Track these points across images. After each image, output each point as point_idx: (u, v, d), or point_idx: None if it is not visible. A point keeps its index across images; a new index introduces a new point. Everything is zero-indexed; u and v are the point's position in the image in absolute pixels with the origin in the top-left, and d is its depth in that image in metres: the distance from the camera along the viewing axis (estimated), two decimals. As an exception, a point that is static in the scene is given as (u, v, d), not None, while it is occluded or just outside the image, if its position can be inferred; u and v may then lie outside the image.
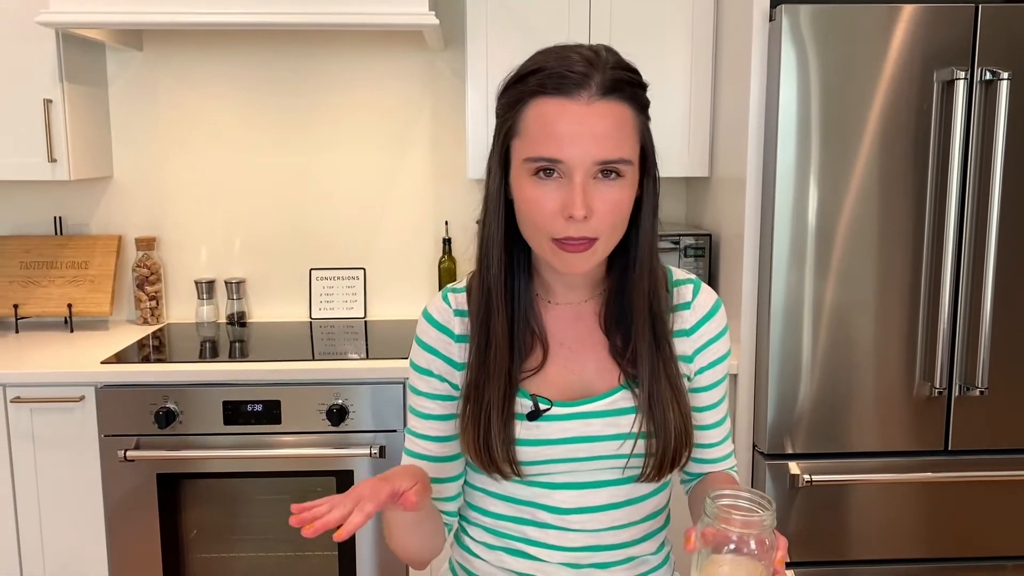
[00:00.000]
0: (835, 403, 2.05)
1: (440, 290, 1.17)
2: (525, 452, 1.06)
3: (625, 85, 0.99)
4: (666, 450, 1.06)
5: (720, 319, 1.16)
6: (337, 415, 2.13)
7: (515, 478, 1.08)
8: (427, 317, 1.14)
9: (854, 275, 2.01)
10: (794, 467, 2.06)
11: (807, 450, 2.07)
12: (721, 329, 1.16)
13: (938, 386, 2.03)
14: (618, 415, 1.07)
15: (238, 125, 2.71)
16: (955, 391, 2.06)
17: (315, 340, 2.51)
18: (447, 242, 2.73)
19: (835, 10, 1.93)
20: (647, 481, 1.09)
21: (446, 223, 2.76)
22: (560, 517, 1.10)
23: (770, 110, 2.02)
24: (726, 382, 1.19)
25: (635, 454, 1.07)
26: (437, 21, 2.19)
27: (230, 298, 2.73)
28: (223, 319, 2.75)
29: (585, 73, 0.97)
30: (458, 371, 1.11)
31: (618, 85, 0.98)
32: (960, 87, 1.93)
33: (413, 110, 2.73)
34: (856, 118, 1.96)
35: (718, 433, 1.19)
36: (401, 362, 2.17)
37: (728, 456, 1.21)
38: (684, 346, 1.13)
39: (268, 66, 2.69)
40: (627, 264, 1.08)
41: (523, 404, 1.07)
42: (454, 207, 2.76)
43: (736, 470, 1.23)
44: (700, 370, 1.15)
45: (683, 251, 2.42)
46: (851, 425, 2.06)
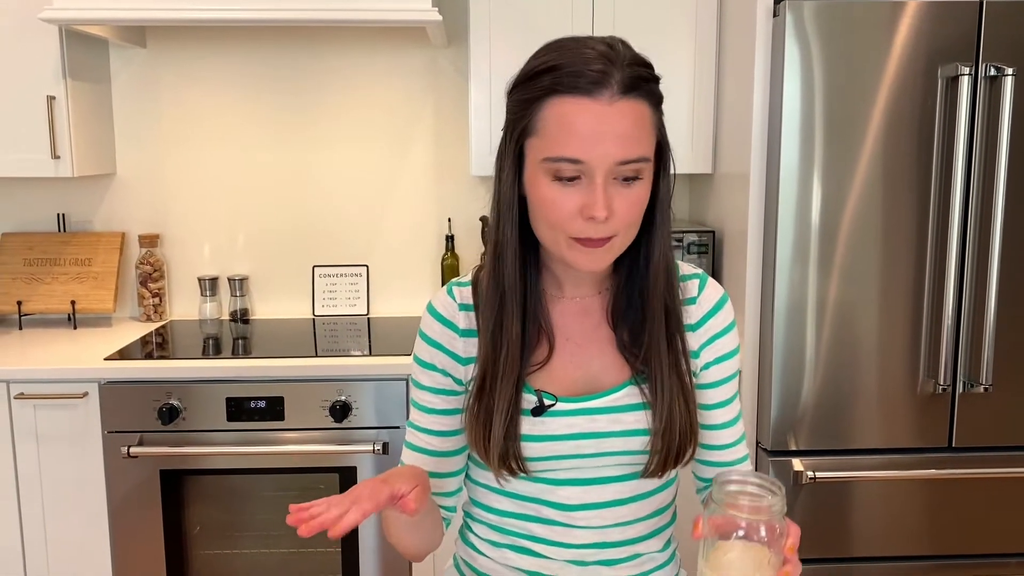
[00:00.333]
0: (839, 400, 2.05)
1: (444, 285, 1.17)
2: (530, 448, 1.06)
3: (643, 82, 0.97)
4: (671, 445, 1.05)
5: (726, 314, 1.14)
6: (340, 412, 2.13)
7: (521, 475, 1.07)
8: (431, 312, 1.14)
9: (858, 271, 2.01)
10: (798, 464, 2.06)
11: (811, 447, 2.07)
12: (728, 324, 1.14)
13: (942, 383, 2.02)
14: (623, 411, 1.07)
15: (241, 122, 2.71)
16: (959, 388, 2.05)
17: (318, 337, 2.51)
18: (450, 239, 2.73)
19: (839, 5, 1.92)
20: (651, 477, 1.08)
21: (449, 220, 2.76)
22: (565, 514, 1.10)
23: (774, 106, 2.02)
24: (736, 381, 1.16)
25: (640, 451, 1.07)
26: (440, 17, 2.19)
27: (233, 295, 2.73)
28: (226, 316, 2.75)
29: (604, 71, 0.94)
30: (462, 366, 1.11)
31: (636, 83, 0.96)
32: (964, 83, 1.92)
33: (416, 107, 2.72)
34: (860, 114, 1.96)
35: (730, 434, 1.16)
36: (404, 359, 2.17)
37: (743, 459, 1.18)
38: (690, 341, 1.11)
39: (271, 63, 2.69)
40: (637, 259, 1.07)
41: (528, 399, 1.06)
42: (457, 204, 2.76)
43: None
44: (706, 365, 1.13)
45: (686, 248, 2.41)
46: (855, 422, 2.06)
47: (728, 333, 1.14)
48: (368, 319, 2.73)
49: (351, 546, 2.22)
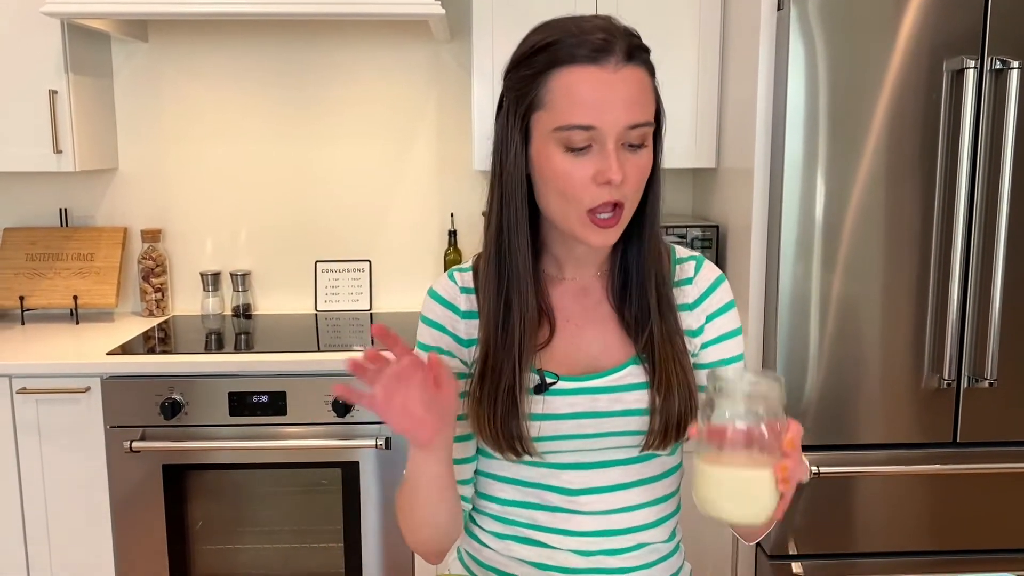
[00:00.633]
0: (843, 395, 2.04)
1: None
2: (533, 427, 1.06)
3: (640, 51, 1.02)
4: (669, 422, 1.06)
5: (723, 293, 1.15)
6: (343, 406, 2.13)
7: (525, 458, 1.07)
8: (433, 295, 1.15)
9: (862, 266, 2.00)
10: (801, 459, 2.05)
11: (814, 442, 2.06)
12: (726, 303, 1.15)
13: (947, 377, 2.01)
14: (624, 391, 1.08)
15: (243, 117, 2.71)
16: (964, 383, 2.04)
17: (320, 332, 2.51)
18: (452, 234, 2.72)
19: (844, -1, 1.92)
20: (652, 450, 1.08)
21: (452, 215, 2.75)
22: (569, 499, 1.10)
23: (778, 100, 2.01)
24: (742, 365, 1.16)
25: (640, 431, 1.07)
26: (443, 11, 2.18)
27: (235, 290, 2.73)
28: (228, 311, 2.75)
29: (607, 39, 0.98)
30: (465, 348, 1.12)
31: (635, 51, 1.00)
32: (970, 76, 1.91)
33: (418, 102, 2.72)
34: (865, 108, 1.95)
35: None
36: (407, 353, 2.16)
37: None
38: (689, 320, 1.12)
39: (273, 58, 2.68)
40: (632, 231, 1.09)
41: (530, 379, 1.07)
42: (459, 199, 2.75)
43: None
44: (705, 344, 1.13)
45: (690, 243, 2.40)
46: (859, 417, 2.05)
47: (727, 312, 1.15)
48: (371, 314, 2.72)
49: (353, 541, 2.22)
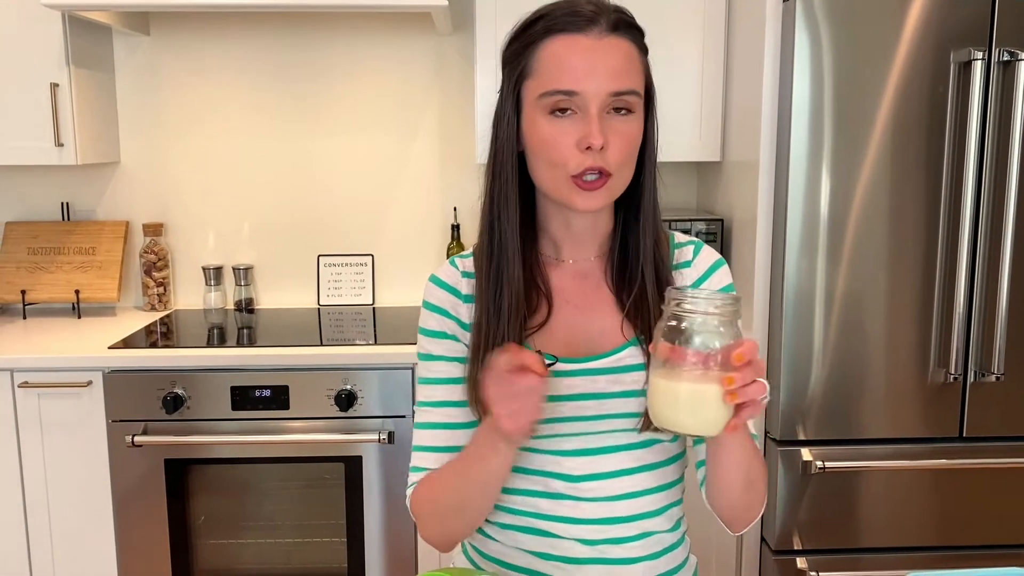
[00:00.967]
0: (848, 389, 2.03)
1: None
2: None
3: (629, 27, 1.06)
4: None
5: (722, 276, 1.16)
6: (346, 401, 2.12)
7: (527, 444, 1.07)
8: (434, 280, 1.16)
9: (868, 260, 1.99)
10: (806, 454, 2.04)
11: (819, 437, 2.05)
12: (724, 287, 1.15)
13: (953, 372, 2.00)
14: (623, 372, 1.08)
15: (245, 110, 2.70)
16: (970, 377, 2.03)
17: (323, 326, 2.50)
18: (455, 228, 2.71)
19: (850, -10, 1.90)
20: (650, 430, 1.07)
21: (455, 209, 2.74)
22: (572, 485, 1.10)
23: (783, 93, 1.99)
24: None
25: (640, 413, 1.07)
26: (446, 3, 2.17)
27: (238, 284, 2.72)
28: (231, 305, 2.74)
29: (595, 11, 1.03)
30: (467, 331, 1.12)
31: (623, 25, 1.05)
32: (977, 68, 1.90)
33: (421, 95, 2.71)
34: (871, 101, 1.93)
35: None
36: (410, 348, 2.16)
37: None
38: None
39: (275, 51, 2.67)
40: (628, 212, 1.11)
41: None
42: (463, 193, 2.74)
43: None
44: None
45: (694, 236, 2.39)
46: (864, 411, 2.04)
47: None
48: (373, 308, 2.72)
49: (356, 535, 2.22)
